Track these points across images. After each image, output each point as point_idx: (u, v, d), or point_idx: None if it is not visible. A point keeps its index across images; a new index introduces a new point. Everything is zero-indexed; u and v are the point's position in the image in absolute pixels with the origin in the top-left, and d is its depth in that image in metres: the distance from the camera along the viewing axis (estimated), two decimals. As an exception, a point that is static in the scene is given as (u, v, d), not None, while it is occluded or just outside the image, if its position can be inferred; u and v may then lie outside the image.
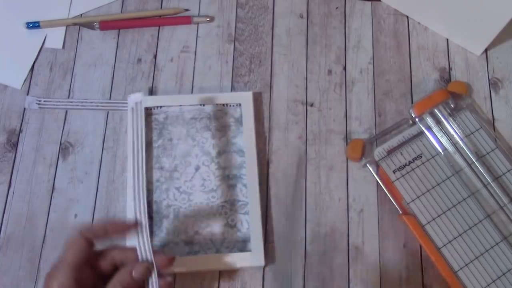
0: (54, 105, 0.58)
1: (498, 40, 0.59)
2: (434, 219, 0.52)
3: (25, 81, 0.59)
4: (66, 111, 0.58)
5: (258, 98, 0.58)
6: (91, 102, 0.58)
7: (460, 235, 0.52)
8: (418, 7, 0.60)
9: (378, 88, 0.59)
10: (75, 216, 0.54)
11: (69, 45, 0.61)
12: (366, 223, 0.54)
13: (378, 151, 0.55)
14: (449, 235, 0.52)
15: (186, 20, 0.61)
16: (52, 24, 0.61)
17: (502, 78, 0.60)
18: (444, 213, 0.53)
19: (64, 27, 0.61)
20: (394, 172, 0.54)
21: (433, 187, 0.54)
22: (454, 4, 0.57)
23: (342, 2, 0.63)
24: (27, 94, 0.58)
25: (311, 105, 0.58)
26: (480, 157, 0.54)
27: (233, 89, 0.59)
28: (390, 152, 0.55)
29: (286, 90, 0.59)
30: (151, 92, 0.59)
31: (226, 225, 0.53)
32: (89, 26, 0.61)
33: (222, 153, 0.56)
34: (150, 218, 0.53)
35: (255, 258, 0.51)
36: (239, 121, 0.57)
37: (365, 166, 0.55)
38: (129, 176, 0.53)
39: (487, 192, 0.53)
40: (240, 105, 0.57)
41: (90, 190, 0.54)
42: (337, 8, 0.63)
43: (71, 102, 0.58)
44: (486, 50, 0.61)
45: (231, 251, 0.52)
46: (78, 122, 0.57)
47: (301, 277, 0.52)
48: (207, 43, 0.61)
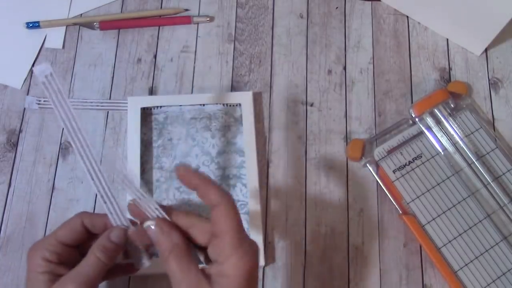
0: (54, 105, 0.58)
1: (498, 40, 0.59)
2: (434, 219, 0.52)
3: (25, 81, 0.59)
4: (66, 111, 0.58)
5: (258, 98, 0.58)
6: (91, 102, 0.58)
7: (460, 235, 0.52)
8: (418, 7, 0.60)
9: (378, 88, 0.59)
10: (75, 216, 0.54)
11: (69, 45, 0.61)
12: (366, 223, 0.54)
13: (378, 151, 0.55)
14: (449, 235, 0.52)
15: (186, 20, 0.61)
16: (52, 24, 0.61)
17: (502, 78, 0.60)
18: (444, 213, 0.53)
19: (64, 27, 0.61)
20: (394, 172, 0.54)
21: (433, 187, 0.54)
22: (454, 4, 0.57)
23: (342, 2, 0.63)
24: (27, 94, 0.58)
25: (311, 105, 0.58)
26: (480, 157, 0.54)
27: (233, 89, 0.59)
28: (390, 152, 0.55)
29: (286, 90, 0.59)
30: (151, 92, 0.59)
31: (226, 225, 0.53)
32: (89, 26, 0.61)
33: (222, 153, 0.56)
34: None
35: (255, 258, 0.51)
36: (239, 121, 0.57)
37: (365, 166, 0.55)
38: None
39: (487, 192, 0.53)
40: (240, 105, 0.57)
41: (90, 190, 0.54)
42: (337, 8, 0.63)
43: (71, 102, 0.58)
44: (486, 50, 0.60)
45: (231, 251, 0.52)
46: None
47: (301, 277, 0.52)
48: (207, 43, 0.61)
